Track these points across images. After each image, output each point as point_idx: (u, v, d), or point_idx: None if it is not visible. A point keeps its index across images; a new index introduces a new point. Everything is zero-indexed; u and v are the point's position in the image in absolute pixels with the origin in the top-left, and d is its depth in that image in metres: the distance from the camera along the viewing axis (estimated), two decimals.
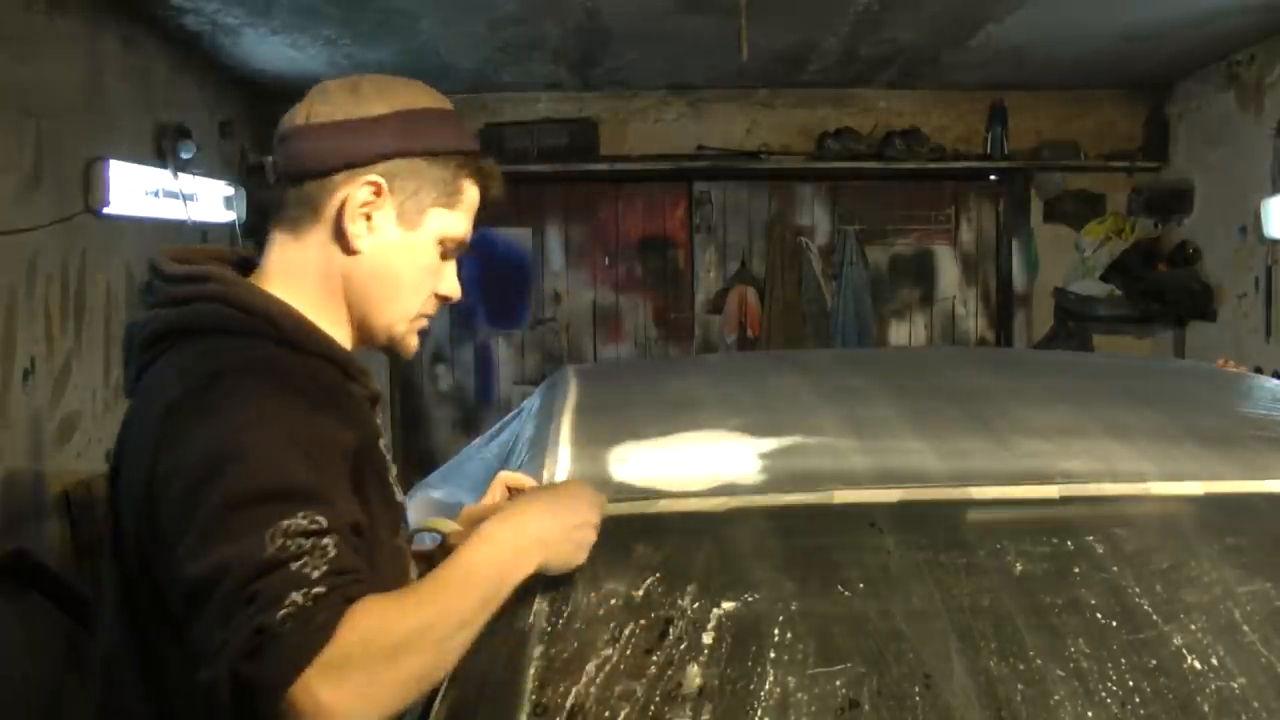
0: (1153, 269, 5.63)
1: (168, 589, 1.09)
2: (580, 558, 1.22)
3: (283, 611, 0.99)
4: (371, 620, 1.02)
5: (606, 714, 1.10)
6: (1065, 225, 5.96)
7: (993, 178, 6.02)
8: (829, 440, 1.50)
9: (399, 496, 1.32)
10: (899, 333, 6.14)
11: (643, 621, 1.19)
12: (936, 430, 1.52)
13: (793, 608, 1.21)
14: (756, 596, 1.22)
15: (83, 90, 3.79)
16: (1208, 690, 1.13)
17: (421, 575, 1.21)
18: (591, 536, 1.23)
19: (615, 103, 5.88)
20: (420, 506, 2.26)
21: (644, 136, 5.88)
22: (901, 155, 5.72)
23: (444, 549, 1.40)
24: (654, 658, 1.15)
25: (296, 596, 0.99)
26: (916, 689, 1.12)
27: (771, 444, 1.47)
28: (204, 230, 4.64)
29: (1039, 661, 1.15)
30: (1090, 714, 1.10)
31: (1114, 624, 1.19)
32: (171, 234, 4.24)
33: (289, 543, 1.02)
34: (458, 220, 1.32)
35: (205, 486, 1.06)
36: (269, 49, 4.62)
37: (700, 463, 1.42)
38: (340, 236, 1.27)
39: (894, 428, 1.54)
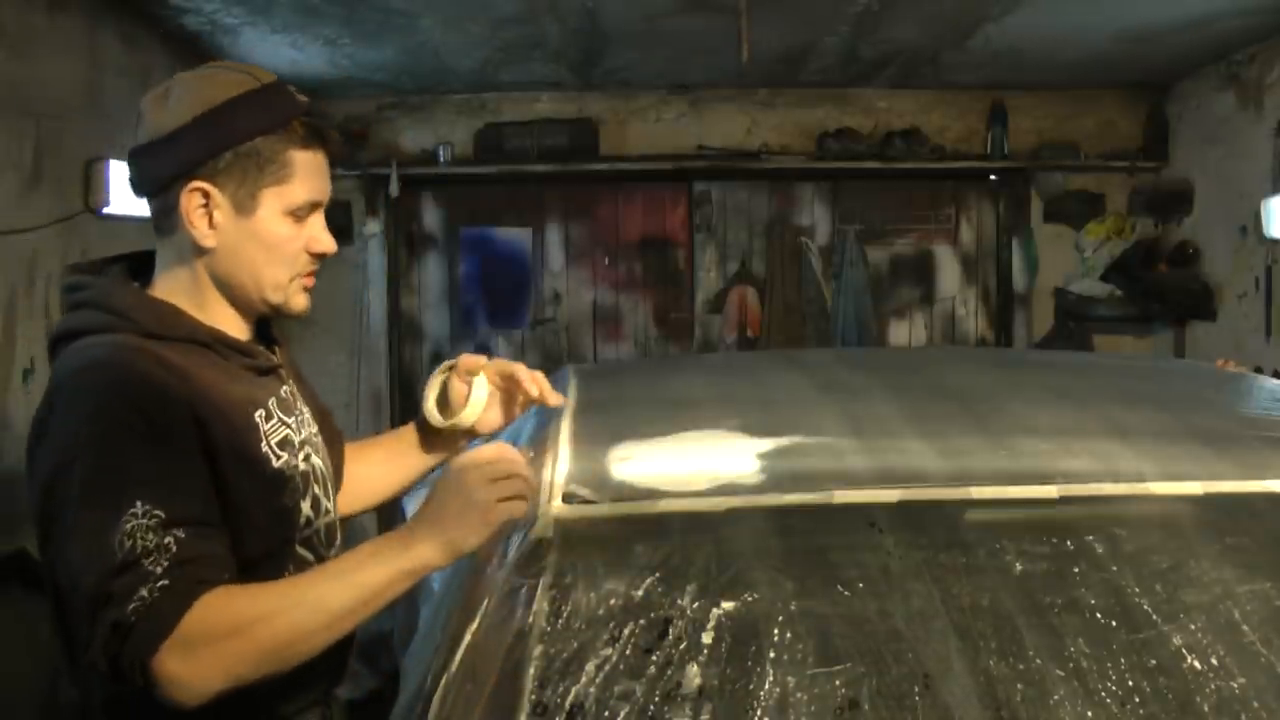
0: (1153, 269, 5.63)
1: (47, 564, 1.27)
2: (481, 525, 1.28)
3: (132, 605, 1.17)
4: (216, 603, 1.19)
5: (606, 714, 1.10)
6: (1065, 225, 5.96)
7: (993, 178, 6.02)
8: (829, 440, 1.50)
9: (276, 463, 1.40)
10: (899, 333, 6.13)
11: (643, 621, 1.19)
12: (936, 430, 1.52)
13: (793, 608, 1.21)
14: (756, 596, 1.22)
15: (83, 90, 3.79)
16: (1208, 690, 1.13)
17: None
18: (479, 499, 1.28)
19: (615, 103, 5.88)
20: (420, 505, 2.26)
21: (644, 136, 5.88)
22: (901, 155, 5.72)
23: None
24: (654, 658, 1.15)
25: (144, 591, 1.17)
26: (916, 689, 1.12)
27: (771, 444, 1.47)
28: None
29: (1039, 661, 1.15)
30: (1090, 714, 1.10)
31: (1114, 624, 1.19)
32: None
33: (136, 543, 1.19)
34: (297, 189, 1.40)
35: (61, 476, 1.23)
36: (269, 48, 4.62)
37: (700, 463, 1.42)
38: (191, 238, 1.39)
39: (894, 427, 1.54)
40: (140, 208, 1.46)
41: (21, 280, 3.39)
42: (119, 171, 3.84)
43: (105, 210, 3.79)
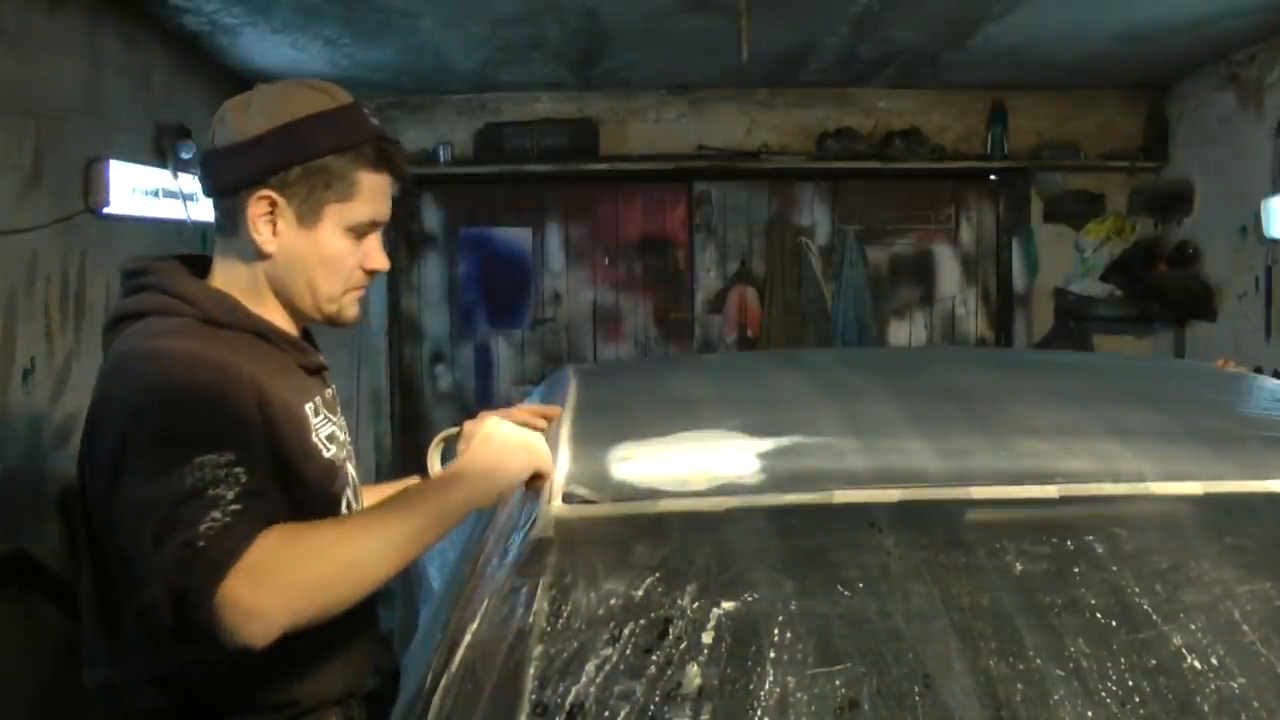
0: (1153, 269, 5.63)
1: (111, 528, 1.29)
2: (517, 466, 1.38)
3: (203, 527, 1.17)
4: (285, 533, 1.20)
5: (606, 714, 1.10)
6: (1065, 225, 5.97)
7: (993, 178, 6.02)
8: (829, 440, 1.50)
9: (327, 454, 1.47)
10: (899, 333, 6.14)
11: (643, 621, 1.19)
12: (936, 430, 1.52)
13: (793, 608, 1.21)
14: (756, 596, 1.22)
15: (83, 90, 3.79)
16: (1208, 690, 1.13)
17: None
18: (514, 441, 1.39)
19: (615, 103, 5.88)
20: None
21: (644, 136, 5.88)
22: (901, 155, 5.73)
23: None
24: (654, 658, 1.15)
25: (216, 514, 1.18)
26: (916, 689, 1.12)
27: (771, 444, 1.47)
28: (204, 230, 4.63)
29: (1039, 661, 1.15)
30: (1090, 714, 1.10)
31: (1114, 624, 1.19)
32: (171, 234, 4.23)
33: (204, 474, 1.20)
34: (359, 208, 1.48)
35: (130, 433, 1.26)
36: (269, 48, 4.62)
37: (700, 463, 1.42)
38: (253, 243, 1.45)
39: (894, 427, 1.54)
40: (141, 208, 1.50)
41: (21, 280, 3.39)
42: (119, 171, 3.84)
43: (105, 210, 3.79)
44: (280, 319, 1.51)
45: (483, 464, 1.36)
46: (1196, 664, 1.15)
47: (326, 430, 1.50)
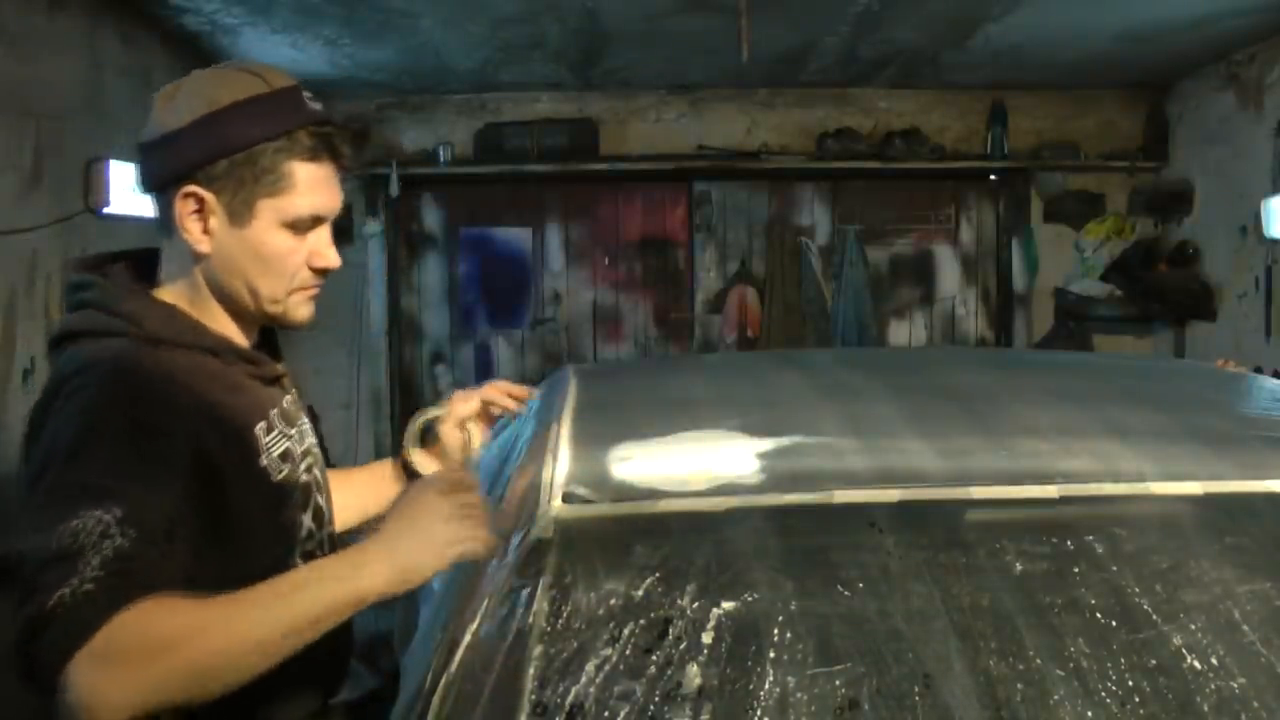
0: (1153, 269, 5.64)
1: None
2: (435, 558, 1.23)
3: (53, 601, 1.07)
4: (144, 616, 1.08)
5: (606, 714, 1.10)
6: (1065, 225, 5.97)
7: (993, 178, 6.02)
8: (829, 440, 1.50)
9: (278, 476, 1.36)
10: (899, 333, 6.14)
11: (643, 621, 1.19)
12: (936, 430, 1.51)
13: (793, 608, 1.21)
14: (756, 596, 1.22)
15: (82, 90, 3.79)
16: (1208, 690, 1.13)
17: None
18: (437, 533, 1.23)
19: (615, 103, 5.88)
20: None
21: (644, 136, 5.88)
22: (901, 155, 5.73)
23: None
24: (654, 658, 1.15)
25: (66, 590, 1.07)
26: (916, 689, 1.12)
27: (771, 444, 1.47)
28: None
29: (1039, 661, 1.15)
30: (1090, 714, 1.10)
31: (1114, 624, 1.19)
32: None
33: (80, 537, 1.10)
34: (296, 202, 1.34)
35: (35, 478, 1.18)
36: (269, 48, 4.62)
37: (700, 463, 1.42)
38: (187, 243, 1.34)
39: (894, 427, 1.54)
40: (139, 208, 1.46)
41: (21, 280, 3.39)
42: (119, 171, 3.84)
43: (105, 210, 3.79)
44: (228, 325, 1.39)
45: (403, 552, 1.22)
46: (1196, 664, 1.15)
47: (280, 447, 1.38)
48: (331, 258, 1.40)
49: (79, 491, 1.14)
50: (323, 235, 1.39)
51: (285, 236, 1.35)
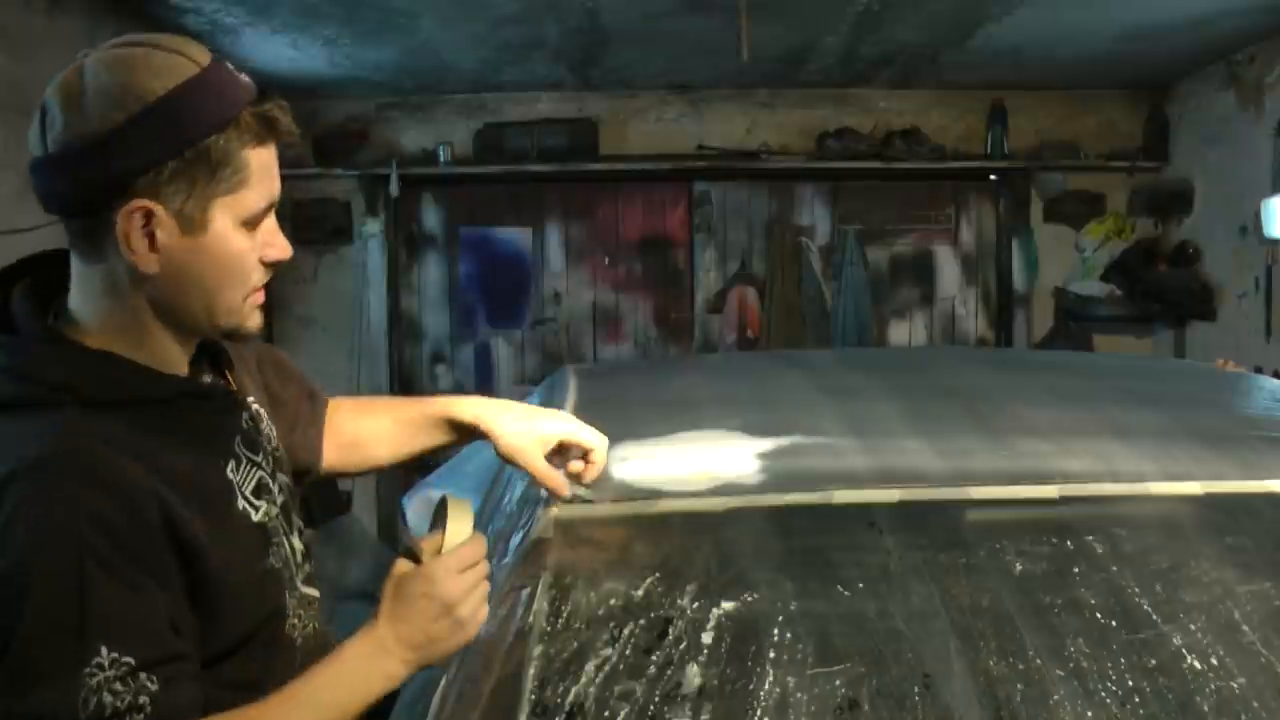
0: (1153, 269, 5.63)
1: None
2: (460, 638, 1.19)
3: None
4: None
5: (606, 714, 1.10)
6: (1065, 225, 5.97)
7: (993, 178, 6.02)
8: (829, 440, 1.50)
9: (256, 516, 1.23)
10: (899, 333, 6.13)
11: (643, 621, 1.19)
12: (936, 430, 1.52)
13: (793, 608, 1.21)
14: (756, 596, 1.22)
15: None
16: (1208, 690, 1.13)
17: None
18: (462, 614, 1.19)
19: (615, 102, 5.88)
20: (420, 506, 2.26)
21: (644, 136, 5.88)
22: (901, 155, 5.72)
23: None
24: (654, 658, 1.15)
25: None
26: (916, 689, 1.12)
27: (771, 444, 1.47)
28: None
29: (1039, 661, 1.15)
30: (1090, 714, 1.10)
31: (1114, 624, 1.19)
32: None
33: (104, 701, 1.00)
34: (251, 196, 1.16)
35: (3, 632, 1.00)
36: (269, 49, 4.62)
37: (700, 463, 1.42)
38: (128, 266, 1.13)
39: (894, 427, 1.54)
40: None
41: None
42: None
43: None
44: (170, 354, 1.20)
45: (425, 651, 1.19)
46: (1196, 664, 1.15)
47: (253, 481, 1.24)
48: (284, 247, 1.21)
49: (74, 638, 1.01)
50: (270, 224, 1.20)
51: (242, 236, 1.16)
